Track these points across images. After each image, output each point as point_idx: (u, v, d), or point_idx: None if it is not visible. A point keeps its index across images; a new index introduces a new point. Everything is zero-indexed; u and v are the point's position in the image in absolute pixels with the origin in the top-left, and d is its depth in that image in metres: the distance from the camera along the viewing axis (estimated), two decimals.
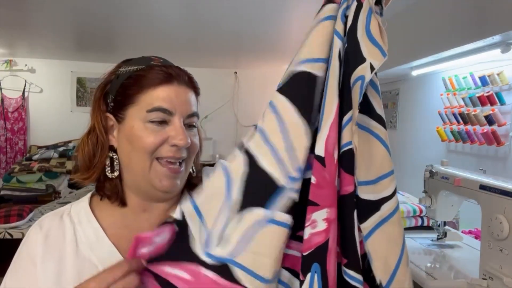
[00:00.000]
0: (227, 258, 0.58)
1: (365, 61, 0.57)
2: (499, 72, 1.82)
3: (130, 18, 2.67)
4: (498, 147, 1.83)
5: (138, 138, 0.65)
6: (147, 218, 0.73)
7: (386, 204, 0.59)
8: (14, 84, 4.20)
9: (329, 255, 0.57)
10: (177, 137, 0.65)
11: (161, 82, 0.65)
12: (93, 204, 0.73)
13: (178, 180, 0.68)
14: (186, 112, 0.67)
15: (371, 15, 0.58)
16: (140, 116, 0.66)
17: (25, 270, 0.66)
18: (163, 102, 0.65)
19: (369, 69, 0.56)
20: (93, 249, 0.67)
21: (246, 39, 3.25)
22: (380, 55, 0.56)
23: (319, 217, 0.57)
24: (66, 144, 3.90)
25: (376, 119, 0.60)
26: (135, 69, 0.68)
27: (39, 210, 2.52)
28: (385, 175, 0.59)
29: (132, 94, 0.66)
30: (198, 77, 0.77)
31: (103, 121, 0.70)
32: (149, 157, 0.66)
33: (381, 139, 0.60)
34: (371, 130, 0.60)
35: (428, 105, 2.47)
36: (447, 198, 1.55)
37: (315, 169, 0.58)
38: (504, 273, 1.15)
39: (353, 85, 0.58)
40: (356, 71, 0.57)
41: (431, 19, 2.08)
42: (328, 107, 0.59)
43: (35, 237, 0.68)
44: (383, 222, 0.58)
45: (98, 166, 0.70)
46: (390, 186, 0.59)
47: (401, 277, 0.58)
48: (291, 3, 2.28)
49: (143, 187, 0.69)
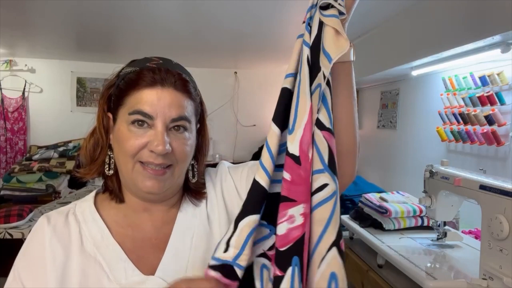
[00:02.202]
0: (229, 261, 0.61)
1: (320, 70, 0.63)
2: (499, 72, 1.82)
3: (130, 18, 2.67)
4: (498, 147, 1.83)
5: (122, 140, 0.67)
6: (149, 218, 0.74)
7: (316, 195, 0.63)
8: (14, 84, 4.20)
9: (305, 247, 0.61)
10: (154, 143, 0.65)
11: (146, 85, 0.66)
12: (97, 203, 0.74)
13: (163, 182, 0.68)
14: (169, 116, 0.66)
15: (324, 25, 0.65)
16: (124, 118, 0.67)
17: (35, 256, 0.67)
18: (143, 105, 0.65)
19: (322, 77, 0.63)
20: (98, 247, 0.68)
21: (246, 39, 3.25)
22: (327, 62, 0.62)
23: (297, 212, 0.61)
24: (66, 144, 3.90)
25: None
26: (129, 71, 0.68)
27: (39, 210, 2.53)
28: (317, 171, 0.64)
29: (122, 96, 0.68)
30: (198, 77, 0.77)
31: (104, 121, 0.72)
32: (131, 160, 0.67)
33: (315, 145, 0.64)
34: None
35: (428, 105, 2.47)
36: (447, 198, 1.55)
37: (288, 167, 0.63)
38: (504, 273, 1.15)
39: (313, 92, 0.64)
40: (316, 79, 0.64)
41: (431, 19, 2.08)
42: (301, 109, 0.64)
43: (44, 227, 0.69)
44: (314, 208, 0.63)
45: (97, 163, 0.72)
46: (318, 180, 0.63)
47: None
48: (291, 3, 2.27)
49: (131, 186, 0.71)
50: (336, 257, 0.60)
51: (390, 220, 1.85)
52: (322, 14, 0.65)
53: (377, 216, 1.92)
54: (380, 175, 3.16)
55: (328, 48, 0.63)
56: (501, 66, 1.82)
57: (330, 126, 0.63)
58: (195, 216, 0.75)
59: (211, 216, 0.75)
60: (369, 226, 1.93)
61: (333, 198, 0.62)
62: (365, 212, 2.02)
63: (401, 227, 1.86)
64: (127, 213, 0.73)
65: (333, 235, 0.61)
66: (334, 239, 0.61)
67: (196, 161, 0.77)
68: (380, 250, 1.65)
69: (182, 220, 0.74)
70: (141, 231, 0.72)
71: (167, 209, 0.75)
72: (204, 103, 0.79)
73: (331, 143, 0.63)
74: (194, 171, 0.76)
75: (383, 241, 1.71)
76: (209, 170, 0.83)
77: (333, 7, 0.64)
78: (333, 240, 0.61)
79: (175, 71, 0.69)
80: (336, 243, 0.61)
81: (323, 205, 0.62)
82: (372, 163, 3.29)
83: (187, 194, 0.77)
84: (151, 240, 0.72)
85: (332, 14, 0.64)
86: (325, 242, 0.61)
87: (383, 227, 1.85)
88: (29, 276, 0.65)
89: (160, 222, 0.74)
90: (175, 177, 0.70)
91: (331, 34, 0.64)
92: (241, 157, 4.74)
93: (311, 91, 0.65)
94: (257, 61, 4.32)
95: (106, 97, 0.72)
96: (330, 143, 0.63)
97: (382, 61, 2.54)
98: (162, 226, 0.74)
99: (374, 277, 1.66)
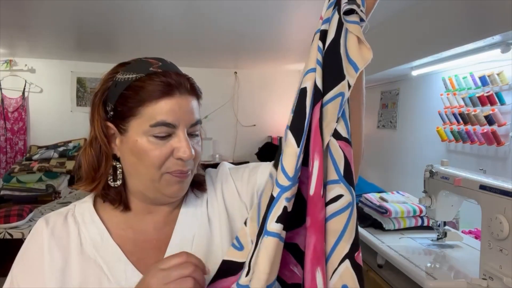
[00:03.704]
0: (247, 285, 0.58)
1: (345, 78, 0.60)
2: (499, 72, 1.82)
3: (130, 18, 2.67)
4: (498, 147, 1.83)
5: (144, 152, 0.65)
6: (152, 220, 0.73)
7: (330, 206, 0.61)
8: (14, 84, 4.20)
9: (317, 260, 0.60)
10: (181, 150, 0.65)
11: (163, 95, 0.64)
12: (97, 205, 0.73)
13: (186, 184, 0.70)
14: (189, 122, 0.66)
15: (348, 32, 0.61)
16: (143, 129, 0.64)
17: (33, 260, 0.66)
18: (166, 116, 0.64)
19: (347, 86, 0.60)
20: (98, 249, 0.68)
21: (246, 39, 3.25)
22: (354, 72, 0.60)
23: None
24: (66, 144, 3.90)
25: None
26: (134, 78, 0.65)
27: (39, 210, 2.53)
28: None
29: (133, 106, 0.64)
30: (198, 77, 0.76)
31: (104, 130, 0.69)
32: (157, 171, 0.65)
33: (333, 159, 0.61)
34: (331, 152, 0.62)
35: (428, 105, 2.47)
36: (447, 198, 1.55)
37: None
38: (504, 273, 1.15)
39: (333, 99, 0.61)
40: (339, 86, 0.60)
41: (431, 19, 2.08)
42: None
43: (42, 230, 0.68)
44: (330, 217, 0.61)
45: (103, 176, 0.69)
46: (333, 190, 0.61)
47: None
48: (291, 3, 2.28)
49: (150, 194, 0.70)
50: (349, 269, 0.58)
51: (390, 220, 1.86)
52: (346, 20, 0.62)
53: (377, 216, 1.92)
54: (380, 175, 3.16)
55: (354, 57, 0.60)
56: (501, 66, 1.82)
57: (348, 136, 0.61)
58: (196, 217, 0.74)
59: (211, 217, 0.75)
60: (369, 226, 1.93)
61: (348, 209, 0.59)
62: (365, 212, 2.02)
63: (401, 227, 1.86)
64: (129, 216, 0.72)
65: (346, 248, 0.59)
66: (347, 252, 0.59)
67: None
68: (380, 250, 1.65)
69: (183, 221, 0.74)
70: (142, 233, 0.72)
71: (171, 210, 0.75)
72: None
73: (348, 153, 0.61)
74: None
75: (383, 241, 1.71)
76: (209, 171, 0.83)
77: (356, 13, 0.61)
78: (346, 252, 0.59)
79: (184, 74, 0.68)
80: (349, 255, 0.59)
81: (336, 216, 0.60)
82: (372, 163, 3.28)
83: (190, 187, 0.77)
84: (152, 241, 0.72)
85: (354, 20, 0.61)
86: (338, 254, 0.59)
87: (383, 227, 1.85)
88: (27, 281, 0.65)
89: (162, 223, 0.73)
90: (192, 178, 0.72)
91: (355, 42, 0.61)
92: (241, 157, 4.74)
93: (322, 102, 0.61)
94: (257, 61, 4.32)
95: (100, 106, 0.69)
96: (347, 153, 0.60)
97: (382, 61, 2.54)
98: (163, 227, 0.73)
99: (374, 277, 1.66)
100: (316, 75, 0.61)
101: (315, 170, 0.60)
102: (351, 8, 0.61)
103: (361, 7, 0.61)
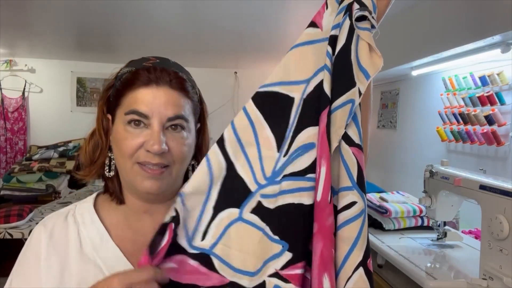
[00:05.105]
0: (207, 249, 0.62)
1: (355, 85, 0.61)
2: (499, 72, 1.82)
3: (130, 18, 2.67)
4: (498, 147, 1.83)
5: (119, 141, 0.66)
6: (150, 220, 0.73)
7: (343, 213, 0.62)
8: (14, 84, 4.20)
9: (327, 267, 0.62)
10: (149, 142, 0.64)
11: (141, 85, 0.65)
12: (97, 205, 0.74)
13: (161, 182, 0.67)
14: (165, 115, 0.65)
15: (359, 39, 0.62)
16: (121, 118, 0.67)
17: (30, 267, 0.66)
18: (138, 105, 0.64)
19: (357, 93, 0.60)
20: (97, 250, 0.68)
21: (246, 39, 3.25)
22: (365, 79, 0.60)
23: None
24: (66, 144, 3.90)
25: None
26: (126, 72, 0.68)
27: (39, 210, 2.53)
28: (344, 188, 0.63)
29: (119, 96, 0.67)
30: (198, 77, 0.76)
31: (104, 123, 0.72)
32: (129, 160, 0.66)
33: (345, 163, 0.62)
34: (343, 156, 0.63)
35: (428, 105, 2.47)
36: (447, 198, 1.55)
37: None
38: (504, 273, 1.15)
39: (343, 106, 0.61)
40: (349, 93, 0.61)
41: (431, 19, 2.08)
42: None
43: (40, 236, 0.68)
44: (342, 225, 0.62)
45: (97, 165, 0.72)
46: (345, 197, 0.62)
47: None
48: (291, 3, 2.28)
49: (130, 187, 0.70)
50: (363, 277, 0.59)
51: (390, 220, 1.85)
52: (358, 27, 0.62)
53: (377, 216, 1.91)
54: (380, 175, 3.16)
55: (365, 64, 0.61)
56: (501, 66, 1.82)
57: (360, 142, 0.61)
58: None
59: None
60: (369, 226, 1.93)
61: (361, 216, 0.60)
62: None
63: (401, 227, 1.86)
64: (128, 215, 0.72)
65: (360, 255, 0.59)
66: (361, 259, 0.59)
67: (196, 161, 0.76)
68: (380, 250, 1.65)
69: None
70: (142, 234, 0.71)
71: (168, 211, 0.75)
72: (205, 102, 0.78)
73: (360, 159, 0.61)
74: (194, 171, 0.76)
75: (383, 241, 1.71)
76: None
77: (367, 20, 0.62)
78: (359, 260, 0.59)
79: (171, 69, 0.68)
80: (363, 263, 0.59)
81: (350, 223, 0.60)
82: (372, 163, 3.28)
83: None
84: None
85: (366, 27, 0.61)
86: (352, 261, 0.59)
87: (383, 227, 1.85)
88: (24, 286, 0.65)
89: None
90: (173, 177, 0.69)
91: (366, 49, 0.61)
92: None
93: (330, 108, 0.62)
94: (257, 61, 4.32)
95: (105, 98, 0.71)
96: (360, 159, 0.60)
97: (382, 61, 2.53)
98: None
99: (374, 277, 1.66)
100: (324, 81, 0.62)
101: (322, 176, 0.59)
102: (363, 14, 0.61)
103: (372, 14, 0.61)
